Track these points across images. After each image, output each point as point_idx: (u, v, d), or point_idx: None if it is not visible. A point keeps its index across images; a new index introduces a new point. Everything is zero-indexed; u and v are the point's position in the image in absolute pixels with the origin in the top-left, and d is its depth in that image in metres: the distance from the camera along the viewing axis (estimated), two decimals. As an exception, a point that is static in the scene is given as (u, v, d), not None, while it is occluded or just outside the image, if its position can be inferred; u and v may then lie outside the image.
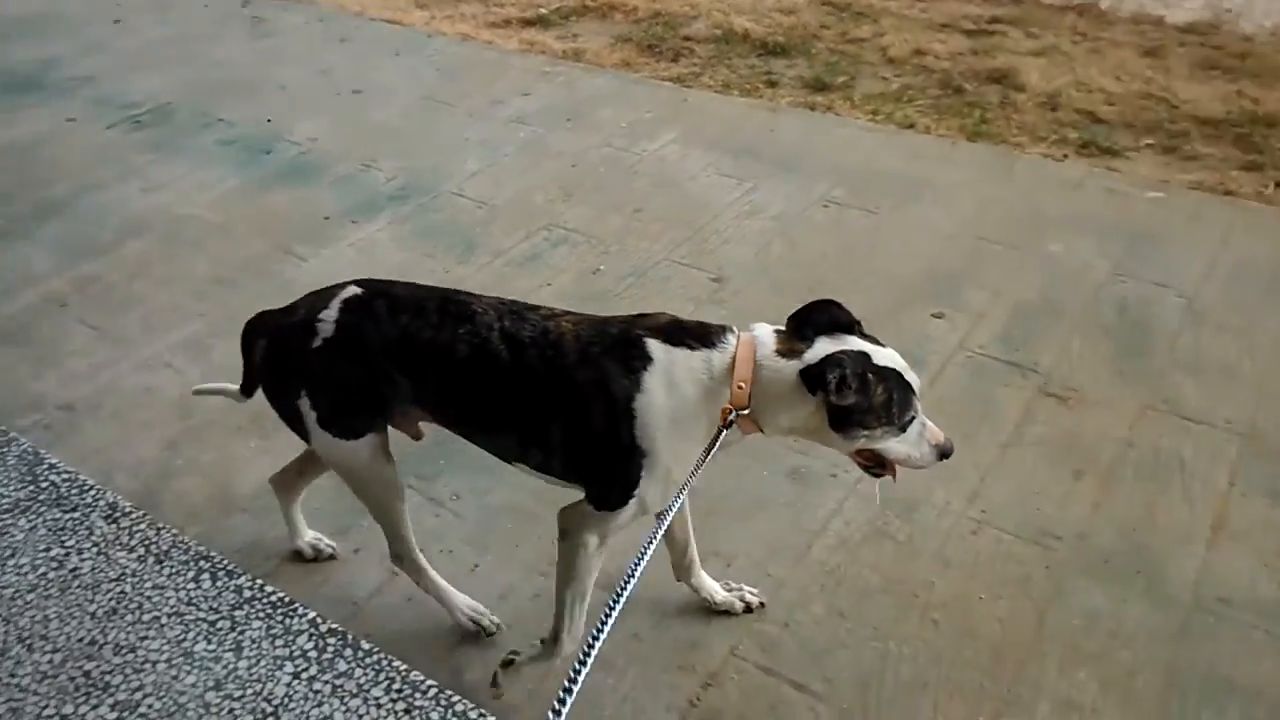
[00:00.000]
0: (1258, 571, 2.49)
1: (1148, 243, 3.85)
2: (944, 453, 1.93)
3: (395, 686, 2.14)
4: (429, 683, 2.15)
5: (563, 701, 1.43)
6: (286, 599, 2.34)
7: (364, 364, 2.03)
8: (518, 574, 2.51)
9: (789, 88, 5.37)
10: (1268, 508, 2.67)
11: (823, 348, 1.85)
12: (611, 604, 1.58)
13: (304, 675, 2.16)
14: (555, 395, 1.92)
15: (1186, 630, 2.35)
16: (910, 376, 1.88)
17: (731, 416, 1.85)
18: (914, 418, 1.89)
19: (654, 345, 1.90)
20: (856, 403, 1.80)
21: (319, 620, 2.29)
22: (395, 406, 2.11)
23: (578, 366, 1.90)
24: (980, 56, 5.59)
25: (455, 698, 2.12)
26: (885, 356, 1.87)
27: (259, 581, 2.39)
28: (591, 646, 1.51)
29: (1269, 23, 5.90)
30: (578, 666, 1.49)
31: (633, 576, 1.62)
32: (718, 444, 1.85)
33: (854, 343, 1.87)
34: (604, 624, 1.54)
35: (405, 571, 2.32)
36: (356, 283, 2.11)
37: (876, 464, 1.95)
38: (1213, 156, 4.57)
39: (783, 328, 1.94)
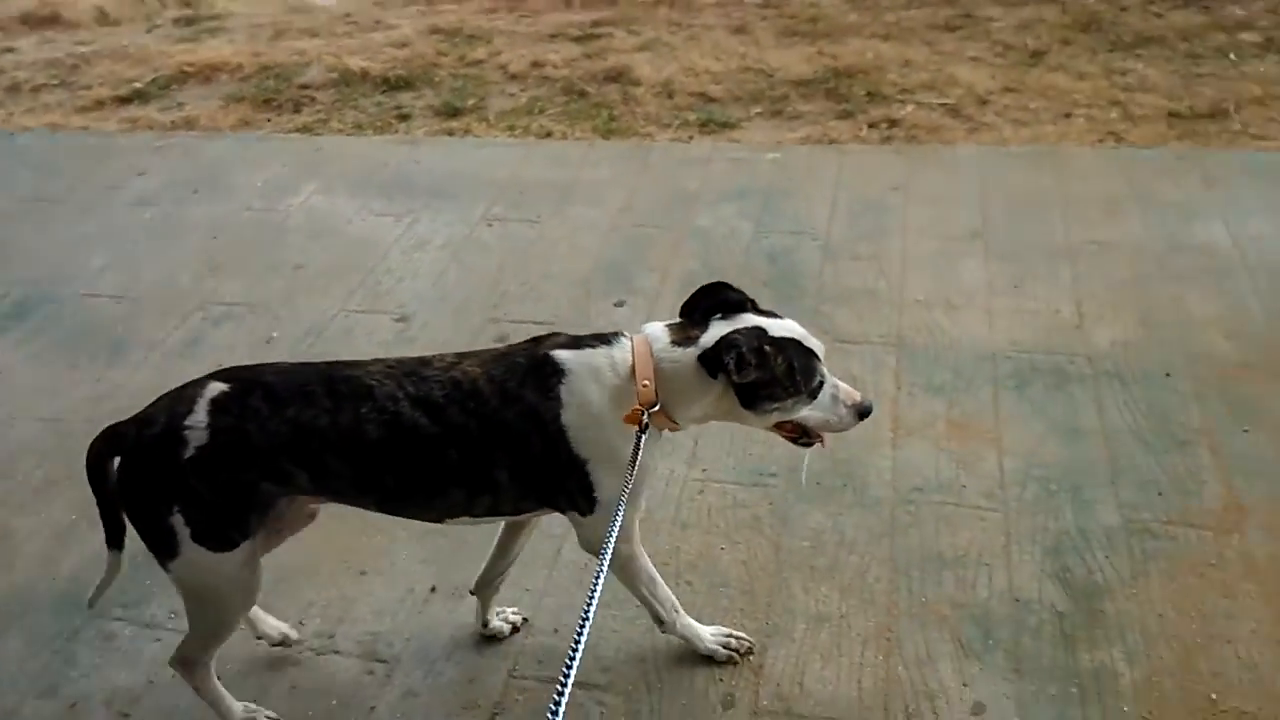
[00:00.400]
0: (936, 456, 2.84)
1: (778, 199, 4.26)
2: (862, 412, 1.97)
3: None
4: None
5: None
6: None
7: (250, 468, 1.83)
8: (264, 672, 2.33)
9: (422, 118, 5.38)
10: (929, 400, 3.05)
11: (717, 330, 1.88)
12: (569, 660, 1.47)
13: None
14: (493, 442, 1.86)
15: (896, 523, 2.64)
16: (811, 343, 1.91)
17: (644, 418, 1.84)
18: (822, 383, 1.93)
19: (561, 355, 1.88)
20: (759, 378, 1.84)
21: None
22: (282, 501, 1.92)
23: (503, 408, 1.86)
24: (593, 60, 5.90)
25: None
26: (782, 328, 1.91)
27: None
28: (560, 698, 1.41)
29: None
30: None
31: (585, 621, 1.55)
32: (641, 450, 1.84)
33: (748, 320, 1.90)
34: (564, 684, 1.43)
35: (188, 677, 2.10)
36: (218, 376, 1.88)
37: (803, 435, 1.99)
38: (812, 112, 5.14)
39: (675, 321, 1.95)
